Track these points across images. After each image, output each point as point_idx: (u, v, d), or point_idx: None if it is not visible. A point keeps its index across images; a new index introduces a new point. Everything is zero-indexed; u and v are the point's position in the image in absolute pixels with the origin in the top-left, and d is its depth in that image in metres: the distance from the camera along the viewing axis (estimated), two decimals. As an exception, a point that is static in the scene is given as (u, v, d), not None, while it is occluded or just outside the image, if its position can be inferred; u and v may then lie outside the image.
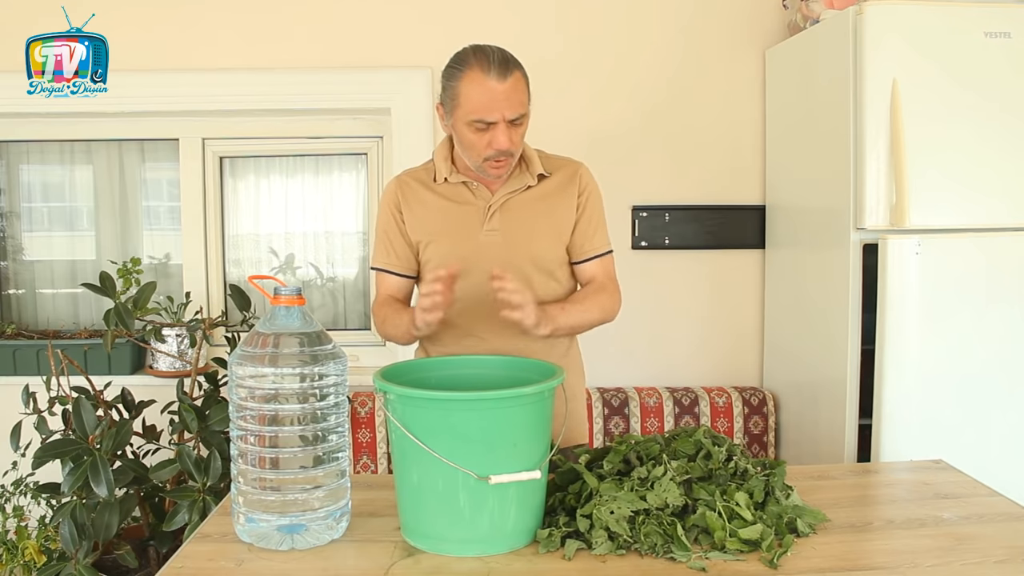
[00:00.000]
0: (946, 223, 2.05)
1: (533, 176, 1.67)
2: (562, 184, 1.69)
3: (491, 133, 1.53)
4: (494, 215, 1.64)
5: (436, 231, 1.67)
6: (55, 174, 2.82)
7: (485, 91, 1.50)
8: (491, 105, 1.50)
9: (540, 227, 1.66)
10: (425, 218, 1.67)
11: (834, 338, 2.20)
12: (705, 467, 1.35)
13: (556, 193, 1.68)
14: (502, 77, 1.49)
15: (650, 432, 2.50)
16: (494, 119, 1.51)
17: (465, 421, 1.20)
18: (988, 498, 1.46)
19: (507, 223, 1.65)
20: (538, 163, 1.67)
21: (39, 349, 2.55)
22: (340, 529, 1.30)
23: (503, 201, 1.65)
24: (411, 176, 1.72)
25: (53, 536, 2.22)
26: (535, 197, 1.67)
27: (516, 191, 1.66)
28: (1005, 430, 2.09)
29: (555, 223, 1.68)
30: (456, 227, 1.65)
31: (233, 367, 1.27)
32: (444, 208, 1.66)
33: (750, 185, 2.68)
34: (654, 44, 2.63)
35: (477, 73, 1.50)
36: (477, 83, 1.50)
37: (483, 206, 1.65)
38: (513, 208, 1.66)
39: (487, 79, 1.49)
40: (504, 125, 1.52)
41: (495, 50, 1.53)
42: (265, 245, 2.86)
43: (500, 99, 1.50)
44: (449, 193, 1.67)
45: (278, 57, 2.59)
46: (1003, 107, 2.05)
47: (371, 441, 2.50)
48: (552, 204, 1.67)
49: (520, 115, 1.53)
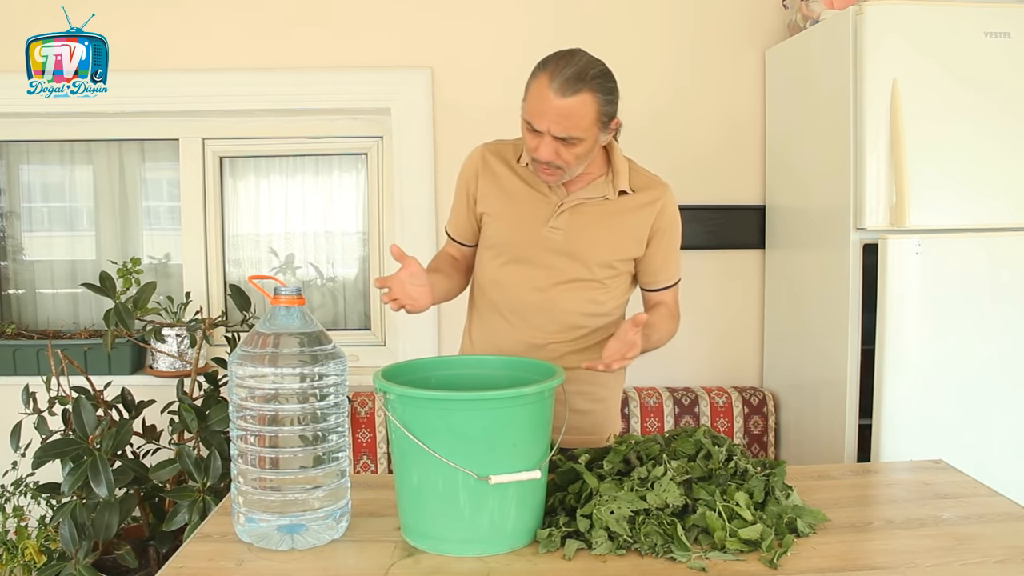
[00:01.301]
0: (946, 223, 2.05)
1: (615, 191, 1.63)
2: (641, 206, 1.64)
3: (538, 139, 1.50)
4: (563, 214, 1.62)
5: (503, 210, 1.66)
6: (55, 174, 2.82)
7: (540, 98, 1.46)
8: (541, 115, 1.47)
9: (604, 241, 1.63)
10: (497, 194, 1.66)
11: (834, 338, 2.20)
12: (705, 467, 1.35)
13: (632, 213, 1.64)
14: (562, 94, 1.44)
15: (650, 432, 2.50)
16: (541, 128, 1.48)
17: (465, 421, 1.20)
18: (988, 498, 1.46)
19: (572, 226, 1.62)
20: (625, 179, 1.63)
21: (39, 349, 2.55)
22: (340, 529, 1.30)
23: (575, 204, 1.62)
24: (496, 150, 1.70)
25: (53, 536, 2.22)
26: (609, 211, 1.63)
27: (592, 199, 1.63)
28: (1005, 430, 2.09)
29: (619, 241, 1.64)
30: (523, 213, 1.64)
31: (233, 367, 1.27)
32: (518, 190, 1.65)
33: (750, 185, 2.68)
34: (654, 44, 2.63)
35: (543, 78, 1.46)
36: (538, 87, 1.46)
37: (555, 202, 1.63)
38: (583, 214, 1.63)
39: (547, 88, 1.45)
40: (550, 138, 1.48)
41: (578, 64, 1.47)
42: (265, 245, 2.86)
43: (551, 113, 1.45)
44: (527, 177, 1.65)
45: (278, 57, 2.59)
46: (1003, 107, 2.05)
47: (371, 441, 2.50)
48: (624, 223, 1.64)
49: (571, 137, 1.47)
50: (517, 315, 1.67)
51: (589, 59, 1.50)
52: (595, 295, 1.66)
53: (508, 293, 1.67)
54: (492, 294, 1.70)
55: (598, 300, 1.67)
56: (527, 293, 1.65)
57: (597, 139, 1.53)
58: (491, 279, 1.69)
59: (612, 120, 1.54)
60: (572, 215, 1.62)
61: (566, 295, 1.64)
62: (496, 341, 1.68)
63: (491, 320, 1.71)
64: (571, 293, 1.64)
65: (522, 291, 1.65)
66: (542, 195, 1.64)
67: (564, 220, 1.62)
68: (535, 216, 1.63)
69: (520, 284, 1.65)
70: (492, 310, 1.70)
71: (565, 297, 1.64)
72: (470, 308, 1.79)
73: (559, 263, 1.63)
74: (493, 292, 1.69)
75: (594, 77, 1.47)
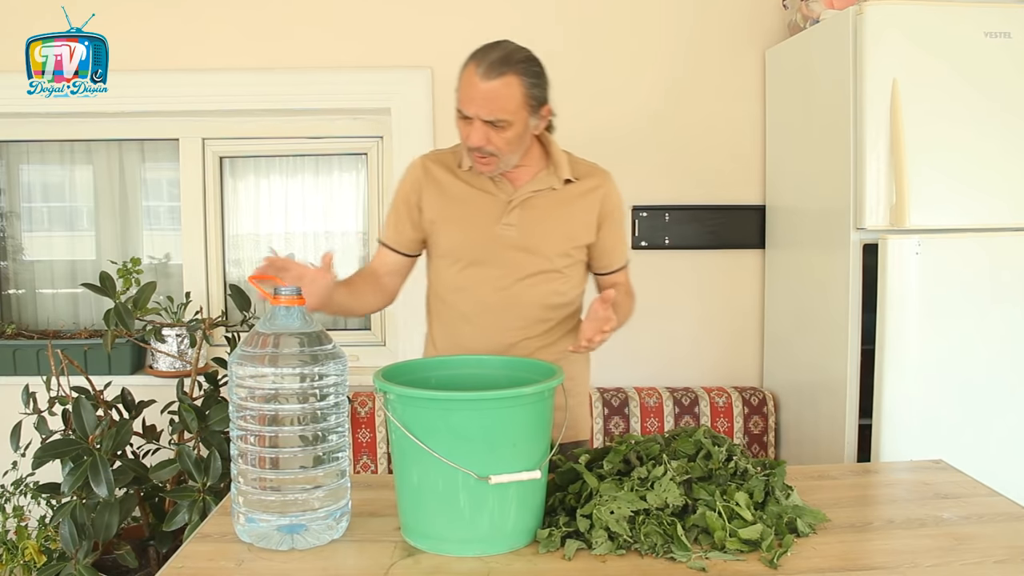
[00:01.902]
0: (946, 223, 2.05)
1: (560, 179, 1.66)
2: (586, 192, 1.68)
3: (468, 126, 1.53)
4: (514, 210, 1.64)
5: (453, 215, 1.66)
6: (55, 174, 2.82)
7: (468, 85, 1.50)
8: (469, 100, 1.51)
9: (556, 230, 1.66)
10: (443, 201, 1.67)
11: (834, 338, 2.20)
12: (705, 467, 1.35)
13: (579, 200, 1.67)
14: (487, 77, 1.48)
15: (650, 432, 2.50)
16: (470, 113, 1.51)
17: (465, 421, 1.20)
18: (988, 498, 1.46)
19: (525, 221, 1.64)
20: (566, 168, 1.67)
21: (39, 349, 2.55)
22: (340, 529, 1.30)
23: (524, 198, 1.64)
24: (436, 159, 1.71)
25: (53, 536, 2.22)
26: (558, 201, 1.66)
27: (540, 191, 1.65)
28: (1005, 430, 2.09)
29: (571, 228, 1.67)
30: (474, 215, 1.65)
31: (233, 367, 1.27)
32: (465, 194, 1.66)
33: (750, 185, 2.68)
34: (654, 44, 2.63)
35: (471, 65, 1.50)
36: (466, 75, 1.51)
37: (504, 200, 1.64)
38: (534, 207, 1.65)
39: (473, 74, 1.49)
40: (480, 123, 1.51)
41: (502, 49, 1.52)
42: (265, 245, 2.86)
43: (478, 97, 1.49)
44: (471, 180, 1.66)
45: (278, 57, 2.59)
46: (1003, 107, 2.05)
47: (371, 441, 2.50)
48: (573, 210, 1.67)
49: (499, 119, 1.50)
50: (483, 317, 1.67)
51: (515, 46, 1.54)
52: (556, 286, 1.68)
53: (472, 296, 1.67)
54: (455, 301, 1.69)
55: (560, 291, 1.68)
56: (490, 293, 1.65)
57: (527, 124, 1.56)
58: (451, 286, 1.69)
59: (542, 106, 1.57)
60: (523, 210, 1.64)
61: (529, 290, 1.65)
62: (466, 346, 1.67)
63: (457, 326, 1.70)
64: (534, 287, 1.65)
65: (485, 292, 1.65)
66: (490, 195, 1.65)
67: (516, 216, 1.64)
68: (486, 216, 1.64)
69: (482, 285, 1.65)
70: (457, 317, 1.70)
71: (528, 292, 1.65)
72: (430, 319, 1.78)
73: (517, 259, 1.64)
74: (456, 298, 1.69)
75: (519, 61, 1.51)
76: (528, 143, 1.62)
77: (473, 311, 1.67)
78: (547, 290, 1.66)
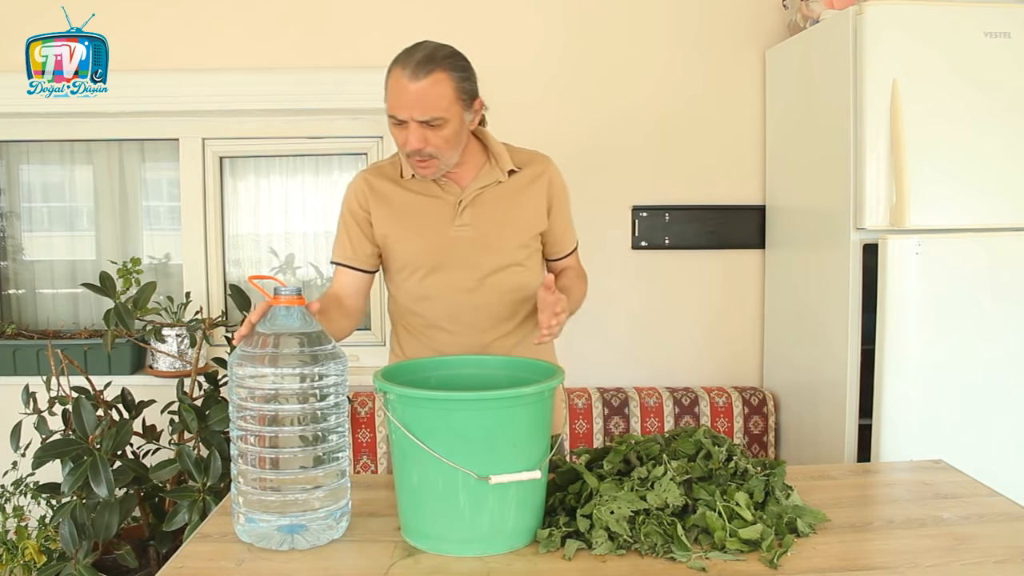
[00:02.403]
0: (946, 223, 2.05)
1: (503, 171, 1.65)
2: (531, 180, 1.68)
3: (405, 131, 1.52)
4: (465, 210, 1.63)
5: (404, 227, 1.65)
6: (55, 174, 2.82)
7: (397, 89, 1.49)
8: (400, 104, 1.49)
9: (510, 223, 1.66)
10: (392, 214, 1.65)
11: (834, 338, 2.20)
12: (705, 467, 1.35)
13: (526, 189, 1.67)
14: (415, 77, 1.46)
15: (650, 432, 2.50)
16: (404, 117, 1.50)
17: (465, 421, 1.20)
18: (988, 498, 1.46)
19: (477, 219, 1.63)
20: (507, 159, 1.66)
21: (39, 349, 2.55)
22: (340, 529, 1.30)
23: (473, 196, 1.64)
24: (377, 172, 1.69)
25: (53, 536, 2.22)
26: (505, 193, 1.66)
27: (487, 186, 1.64)
28: (1005, 430, 2.09)
29: (524, 218, 1.67)
30: (425, 223, 1.64)
31: (233, 367, 1.27)
32: (412, 203, 1.64)
33: (750, 185, 2.68)
34: (654, 44, 2.63)
35: (396, 70, 1.49)
36: (393, 80, 1.50)
37: (453, 201, 1.63)
38: (483, 203, 1.64)
39: (401, 77, 1.48)
40: (416, 125, 1.50)
41: (425, 49, 1.50)
42: (265, 245, 2.86)
43: (410, 99, 1.48)
44: (417, 188, 1.65)
45: (278, 57, 2.59)
46: (1003, 107, 2.05)
47: (371, 441, 2.50)
48: (521, 200, 1.67)
49: (434, 118, 1.49)
50: (454, 321, 1.66)
51: (437, 44, 1.53)
52: (520, 279, 1.67)
53: (438, 303, 1.66)
54: (421, 310, 1.67)
55: (524, 283, 1.68)
56: (457, 296, 1.64)
57: (463, 119, 1.55)
58: (415, 296, 1.67)
59: (474, 100, 1.56)
60: (474, 208, 1.63)
61: (494, 287, 1.65)
62: (441, 352, 1.65)
63: (429, 334, 1.69)
64: (498, 284, 1.65)
65: (451, 297, 1.64)
66: (437, 199, 1.64)
67: (468, 215, 1.63)
68: (438, 221, 1.63)
69: (448, 290, 1.64)
70: (426, 325, 1.69)
71: (494, 290, 1.65)
72: (396, 330, 1.77)
73: (477, 258, 1.63)
74: (422, 307, 1.67)
75: (444, 57, 1.50)
76: (465, 139, 1.60)
77: (442, 318, 1.66)
78: (512, 284, 1.66)
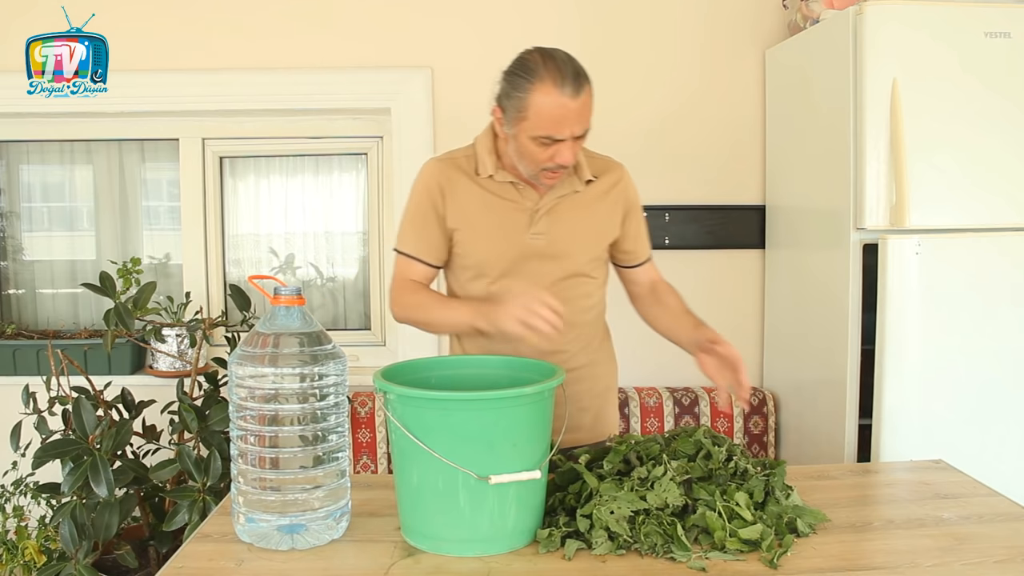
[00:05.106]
0: (946, 223, 2.05)
1: (582, 181, 1.62)
2: (606, 190, 1.65)
3: (555, 148, 1.46)
4: (542, 218, 1.60)
5: (478, 226, 1.60)
6: (55, 174, 2.82)
7: (557, 108, 1.41)
8: (562, 123, 1.43)
9: (585, 233, 1.63)
10: (467, 209, 1.60)
11: (834, 338, 2.20)
12: (705, 467, 1.35)
13: (600, 199, 1.65)
14: (576, 93, 1.41)
15: (650, 432, 2.50)
16: (563, 136, 1.44)
17: (465, 421, 1.20)
18: (988, 498, 1.46)
19: (553, 227, 1.60)
20: (587, 168, 1.62)
21: (39, 349, 2.55)
22: (340, 529, 1.30)
23: (551, 206, 1.60)
24: (452, 163, 1.63)
25: (53, 536, 2.22)
26: (581, 203, 1.62)
27: (564, 195, 1.61)
28: (1005, 430, 2.09)
29: (598, 229, 1.65)
30: (500, 226, 1.60)
31: (233, 367, 1.27)
32: (488, 203, 1.60)
33: (750, 185, 2.68)
34: (654, 44, 2.63)
35: (550, 87, 1.41)
36: (549, 99, 1.41)
37: (530, 208, 1.60)
38: (559, 213, 1.61)
39: (561, 96, 1.40)
40: (570, 141, 1.46)
41: (567, 60, 1.44)
42: (265, 245, 2.86)
43: (572, 117, 1.42)
44: (493, 188, 1.60)
45: (278, 57, 2.59)
46: (1003, 107, 2.05)
47: (371, 441, 2.50)
48: (596, 210, 1.64)
49: (585, 131, 1.47)
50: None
51: (564, 53, 1.48)
52: (586, 289, 1.66)
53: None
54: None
55: (588, 293, 1.67)
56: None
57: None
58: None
59: None
60: (550, 217, 1.61)
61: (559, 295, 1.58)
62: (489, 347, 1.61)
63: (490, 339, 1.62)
64: (563, 293, 1.61)
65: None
66: (513, 203, 1.60)
67: (544, 224, 1.60)
68: (513, 226, 1.60)
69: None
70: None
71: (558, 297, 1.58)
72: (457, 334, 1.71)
73: (547, 267, 1.61)
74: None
75: (581, 67, 1.47)
76: None
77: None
78: (577, 294, 1.64)
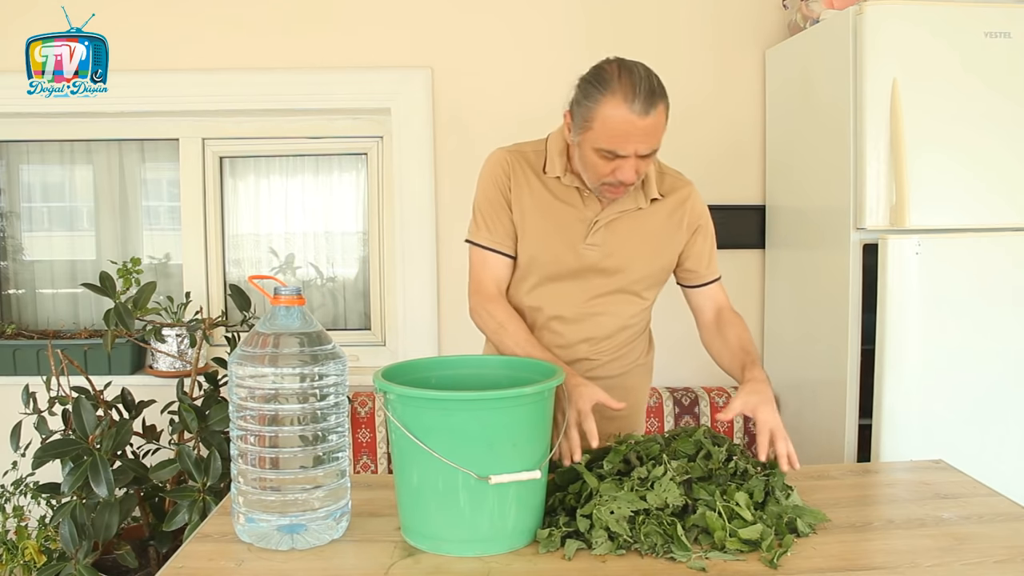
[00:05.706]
0: (946, 223, 2.05)
1: (647, 198, 1.56)
2: (672, 210, 1.59)
3: (617, 163, 1.40)
4: (599, 230, 1.55)
5: (534, 226, 1.55)
6: (55, 174, 2.82)
7: (623, 123, 1.35)
8: (626, 140, 1.37)
9: (640, 251, 1.58)
10: (527, 205, 1.55)
11: (834, 338, 2.20)
12: (705, 467, 1.35)
13: (665, 219, 1.59)
14: (645, 112, 1.34)
15: (650, 432, 2.50)
16: (626, 153, 1.38)
17: (465, 421, 1.20)
18: (988, 498, 1.46)
19: (609, 241, 1.55)
20: (654, 186, 1.56)
21: (39, 349, 2.55)
22: (340, 529, 1.30)
23: (610, 219, 1.55)
24: (521, 156, 1.58)
25: (53, 536, 2.22)
26: (642, 220, 1.57)
27: (626, 211, 1.55)
28: (1005, 430, 2.09)
29: (657, 250, 1.60)
30: (557, 230, 1.55)
31: (233, 367, 1.27)
32: (549, 204, 1.55)
33: (750, 185, 2.68)
34: (654, 44, 2.63)
35: (619, 101, 1.34)
36: (617, 113, 1.35)
37: (589, 217, 1.54)
38: (617, 227, 1.56)
39: (629, 112, 1.34)
40: (634, 159, 1.39)
41: (644, 75, 1.37)
42: (265, 245, 2.86)
43: (638, 135, 1.36)
44: (557, 190, 1.55)
45: (278, 57, 2.59)
46: (1003, 107, 2.05)
47: (371, 441, 2.50)
48: (658, 231, 1.59)
49: (652, 150, 1.40)
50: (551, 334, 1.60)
51: (646, 67, 1.40)
52: (631, 308, 1.62)
53: (542, 315, 1.59)
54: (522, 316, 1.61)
55: (633, 312, 1.63)
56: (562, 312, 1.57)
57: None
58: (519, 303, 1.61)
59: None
60: (608, 229, 1.55)
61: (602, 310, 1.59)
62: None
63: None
64: (607, 307, 1.59)
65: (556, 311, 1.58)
66: (575, 209, 1.55)
67: (600, 236, 1.55)
68: (569, 232, 1.54)
69: (554, 305, 1.58)
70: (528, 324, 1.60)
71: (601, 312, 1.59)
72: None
73: (596, 280, 1.57)
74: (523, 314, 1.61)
75: (660, 85, 1.39)
76: None
77: (540, 328, 1.60)
78: (621, 311, 1.61)
